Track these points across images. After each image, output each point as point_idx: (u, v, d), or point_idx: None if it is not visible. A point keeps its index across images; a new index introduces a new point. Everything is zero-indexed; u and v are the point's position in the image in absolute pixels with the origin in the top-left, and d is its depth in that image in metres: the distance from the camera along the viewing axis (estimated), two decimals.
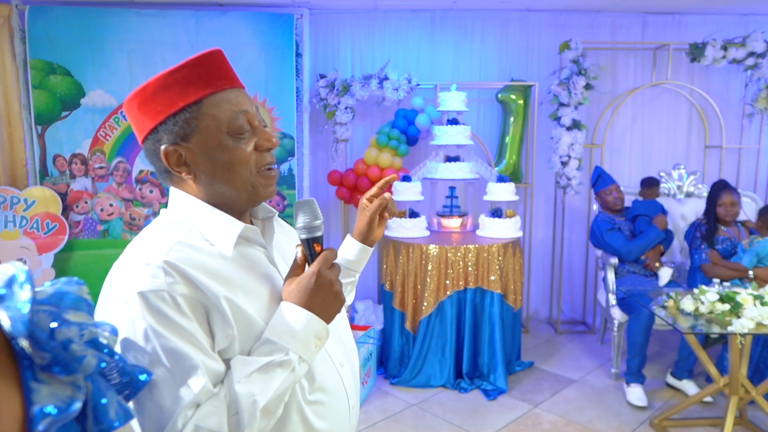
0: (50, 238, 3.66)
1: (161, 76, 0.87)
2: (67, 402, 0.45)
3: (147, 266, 0.82)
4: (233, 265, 0.88)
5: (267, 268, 0.94)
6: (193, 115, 0.87)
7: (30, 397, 0.45)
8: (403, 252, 3.39)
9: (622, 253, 3.46)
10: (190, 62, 0.88)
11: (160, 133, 0.88)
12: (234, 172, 0.89)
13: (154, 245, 0.86)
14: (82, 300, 0.48)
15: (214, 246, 0.88)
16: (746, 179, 4.35)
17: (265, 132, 0.92)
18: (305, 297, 0.87)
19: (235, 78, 0.93)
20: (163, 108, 0.87)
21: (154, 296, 0.79)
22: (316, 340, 0.87)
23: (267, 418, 0.82)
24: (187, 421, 0.77)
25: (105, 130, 3.73)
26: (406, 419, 2.96)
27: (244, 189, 0.90)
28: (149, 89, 0.87)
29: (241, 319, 0.84)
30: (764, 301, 2.46)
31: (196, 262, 0.84)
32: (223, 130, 0.87)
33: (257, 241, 0.95)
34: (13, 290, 0.45)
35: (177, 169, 0.89)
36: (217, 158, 0.88)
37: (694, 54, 3.96)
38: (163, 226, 0.91)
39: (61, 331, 0.45)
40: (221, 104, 0.88)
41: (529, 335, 4.21)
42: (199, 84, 0.87)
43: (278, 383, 0.82)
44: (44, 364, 0.46)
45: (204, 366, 0.80)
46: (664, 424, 2.82)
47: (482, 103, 4.31)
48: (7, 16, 3.59)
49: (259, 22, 3.72)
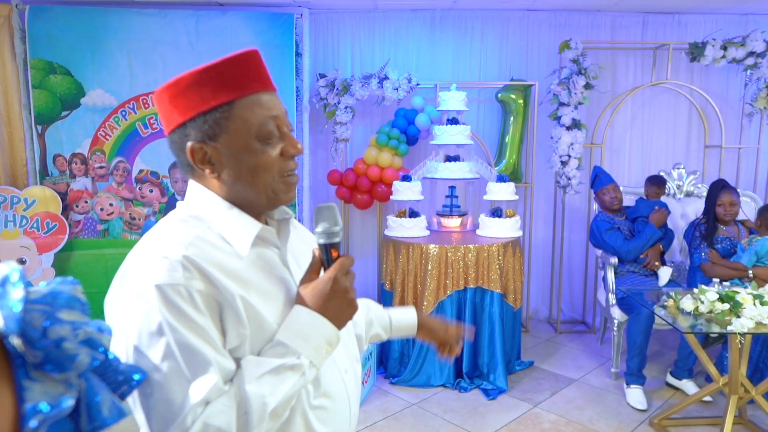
0: (50, 238, 3.67)
1: (196, 71, 0.87)
2: (60, 399, 0.46)
3: (165, 259, 0.82)
4: (249, 265, 0.88)
5: (281, 270, 0.94)
6: (224, 115, 0.87)
7: (22, 395, 0.45)
8: (403, 251, 3.39)
9: (621, 253, 3.46)
10: (227, 61, 0.87)
11: (188, 128, 0.88)
12: (257, 176, 0.89)
13: (173, 239, 0.86)
14: (75, 299, 0.48)
15: (231, 245, 0.88)
16: (746, 179, 4.34)
17: (292, 138, 0.92)
18: (320, 302, 0.87)
19: (269, 81, 0.92)
20: (194, 105, 0.87)
21: (171, 290, 0.79)
22: (327, 345, 0.87)
23: (275, 421, 0.82)
24: (197, 418, 0.77)
25: (105, 129, 3.74)
26: (406, 419, 2.96)
27: (264, 193, 0.90)
28: (182, 83, 0.87)
29: (254, 320, 0.84)
30: (764, 301, 2.46)
31: (214, 259, 0.84)
32: (252, 133, 0.87)
33: (272, 242, 0.95)
34: (6, 289, 0.46)
35: (201, 166, 0.90)
36: (244, 161, 0.88)
37: (693, 54, 3.96)
38: (181, 219, 0.91)
39: (54, 330, 0.46)
40: (253, 107, 0.88)
41: (529, 335, 4.21)
42: (232, 84, 0.87)
43: (288, 386, 0.82)
44: (37, 362, 0.47)
45: (216, 363, 0.79)
46: (664, 423, 2.82)
47: (482, 103, 4.31)
48: (7, 16, 3.60)
49: (259, 21, 3.72)
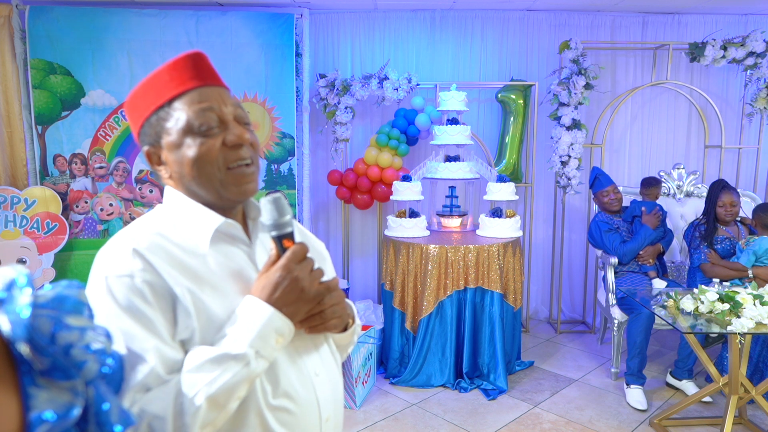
0: (50, 238, 3.67)
1: (141, 83, 0.91)
2: (66, 407, 0.45)
3: (118, 251, 0.86)
4: (206, 260, 0.89)
5: (244, 265, 0.94)
6: (162, 116, 0.90)
7: (28, 403, 0.44)
8: (403, 252, 3.39)
9: (617, 256, 3.47)
10: (166, 65, 0.90)
11: (142, 136, 0.93)
12: (200, 169, 0.89)
13: (132, 232, 0.90)
14: (82, 304, 0.48)
15: (192, 239, 0.90)
16: (746, 179, 4.34)
17: (237, 128, 0.91)
18: (269, 291, 0.87)
19: (210, 76, 0.92)
20: (141, 113, 0.92)
21: (118, 280, 0.83)
22: (277, 336, 0.86)
23: (215, 411, 0.81)
24: (134, 403, 0.78)
25: (105, 129, 3.73)
26: (406, 419, 2.96)
27: (212, 187, 0.90)
28: (132, 96, 0.93)
29: (203, 313, 0.85)
30: (764, 301, 2.46)
31: (167, 252, 0.87)
32: (186, 127, 0.88)
33: (240, 239, 0.95)
34: (13, 294, 0.44)
35: (156, 168, 0.94)
36: (183, 155, 0.89)
37: (693, 54, 3.96)
38: (150, 216, 0.96)
39: (62, 336, 0.45)
40: (188, 103, 0.89)
41: (529, 335, 4.21)
42: (170, 86, 0.89)
43: (229, 376, 0.81)
44: (44, 369, 0.46)
45: (157, 352, 0.81)
46: (664, 423, 2.82)
47: (482, 103, 4.31)
48: (7, 16, 3.59)
49: (259, 22, 3.72)
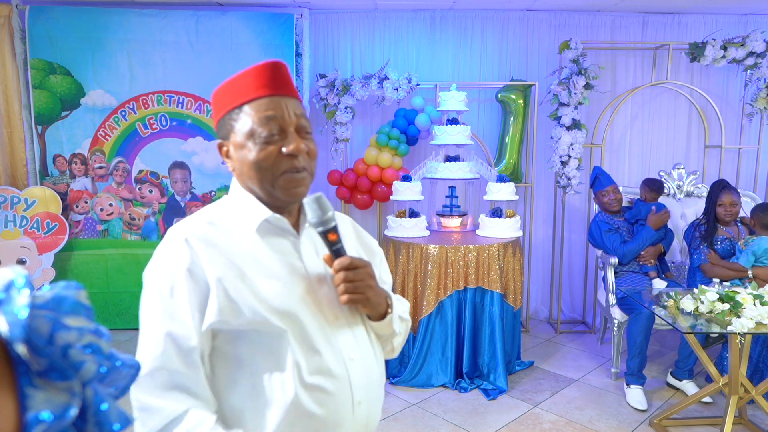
0: (50, 238, 3.67)
1: (226, 82, 1.02)
2: (63, 408, 0.45)
3: (170, 239, 0.98)
4: (253, 248, 0.99)
5: (287, 251, 1.03)
6: (233, 117, 1.00)
7: (25, 403, 0.44)
8: (403, 252, 3.39)
9: (617, 256, 3.46)
10: (248, 71, 1.00)
11: (218, 129, 1.05)
12: (257, 172, 0.99)
13: (190, 222, 1.01)
14: (80, 305, 0.47)
15: (242, 226, 1.01)
16: (746, 179, 4.34)
17: (295, 139, 0.99)
18: None
19: (283, 86, 1.01)
20: (219, 110, 1.03)
21: (163, 265, 0.95)
22: None
23: None
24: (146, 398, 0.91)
25: (105, 129, 3.74)
26: (406, 419, 2.96)
27: (265, 188, 1.00)
28: (216, 93, 1.03)
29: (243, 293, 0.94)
30: (764, 301, 2.46)
31: (215, 241, 0.97)
32: (250, 132, 0.98)
33: (288, 231, 1.04)
34: (11, 295, 0.44)
35: (225, 160, 1.05)
36: (244, 156, 0.99)
37: (693, 54, 3.96)
38: (212, 205, 1.07)
39: (60, 336, 0.45)
40: (256, 109, 0.98)
41: (529, 335, 4.21)
42: (245, 91, 0.99)
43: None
44: (41, 369, 0.46)
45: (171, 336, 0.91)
46: (664, 423, 2.82)
47: (482, 103, 4.31)
48: (7, 16, 3.59)
49: (259, 21, 3.72)
